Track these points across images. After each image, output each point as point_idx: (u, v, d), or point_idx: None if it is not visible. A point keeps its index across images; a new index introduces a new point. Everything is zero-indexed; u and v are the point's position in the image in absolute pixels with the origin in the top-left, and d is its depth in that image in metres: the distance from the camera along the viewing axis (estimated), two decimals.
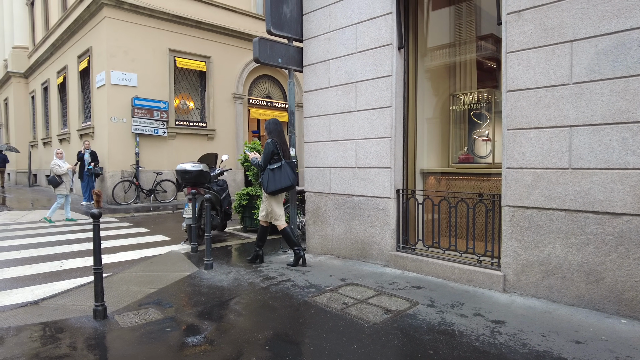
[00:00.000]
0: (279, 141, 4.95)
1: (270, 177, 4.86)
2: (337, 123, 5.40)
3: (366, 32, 5.02)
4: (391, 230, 4.85)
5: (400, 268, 4.75)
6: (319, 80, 5.63)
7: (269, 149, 4.88)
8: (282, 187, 4.86)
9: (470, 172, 4.94)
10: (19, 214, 10.15)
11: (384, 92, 4.87)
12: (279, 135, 4.99)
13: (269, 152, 4.88)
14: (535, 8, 3.65)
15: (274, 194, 4.94)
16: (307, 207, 5.86)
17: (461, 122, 5.24)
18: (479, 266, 4.17)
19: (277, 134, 4.98)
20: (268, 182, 4.86)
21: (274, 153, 4.90)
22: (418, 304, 3.67)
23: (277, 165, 4.87)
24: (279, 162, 4.89)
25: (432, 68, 5.29)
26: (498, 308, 3.54)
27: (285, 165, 4.90)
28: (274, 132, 4.98)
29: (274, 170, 4.86)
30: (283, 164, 4.89)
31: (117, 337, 3.08)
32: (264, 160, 4.92)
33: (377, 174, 4.96)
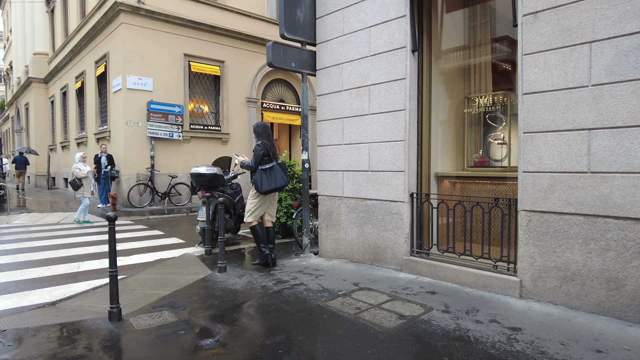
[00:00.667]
0: (269, 144, 5.12)
1: (263, 178, 5.00)
2: (350, 126, 5.39)
3: (380, 35, 5.00)
4: (405, 234, 4.80)
5: (414, 273, 4.70)
6: (332, 83, 5.63)
7: (260, 151, 5.03)
8: (277, 186, 5.05)
9: (486, 176, 4.87)
10: (37, 216, 10.37)
11: (397, 95, 4.84)
12: (268, 138, 5.18)
13: (259, 154, 5.03)
14: (553, 9, 3.59)
15: (266, 194, 5.09)
16: (320, 211, 5.85)
17: (476, 125, 5.18)
18: (495, 271, 4.10)
19: (266, 137, 5.17)
20: (262, 183, 4.99)
21: (264, 155, 5.05)
22: (432, 309, 3.62)
23: (269, 166, 5.04)
24: (271, 163, 5.07)
25: (446, 71, 5.24)
26: (514, 314, 3.47)
27: (277, 166, 5.08)
28: (262, 135, 5.18)
29: (267, 171, 5.02)
30: (274, 165, 5.07)
31: (132, 340, 3.10)
32: (255, 161, 5.06)
33: (391, 178, 4.92)
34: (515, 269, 3.97)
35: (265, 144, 5.08)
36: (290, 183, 7.54)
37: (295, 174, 7.50)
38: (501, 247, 4.20)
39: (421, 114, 4.93)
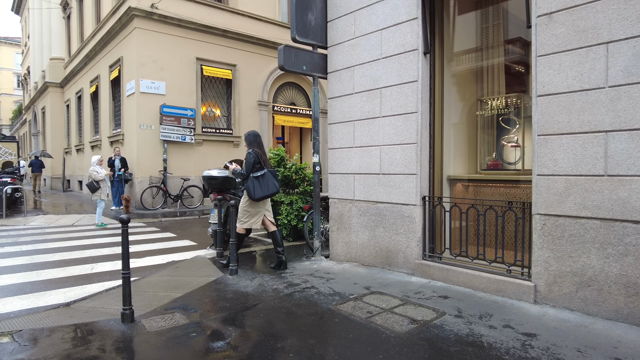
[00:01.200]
0: (260, 152, 5.20)
1: (256, 185, 5.06)
2: (361, 129, 5.37)
3: (391, 37, 4.99)
4: (417, 238, 4.76)
5: (427, 277, 4.65)
6: (343, 86, 5.62)
7: (251, 159, 5.10)
8: (269, 193, 5.11)
9: (499, 179, 4.81)
10: (53, 218, 10.54)
11: (409, 98, 4.81)
12: (259, 146, 5.26)
13: (251, 162, 5.10)
14: (568, 10, 3.53)
15: (259, 201, 5.15)
16: (331, 214, 5.83)
17: (489, 127, 5.12)
18: (509, 276, 4.04)
19: (257, 145, 5.25)
20: (254, 189, 5.05)
21: (256, 162, 5.12)
22: (445, 314, 3.58)
23: (260, 174, 5.10)
24: (262, 171, 5.13)
25: (458, 73, 5.20)
26: (529, 320, 3.41)
27: (268, 174, 5.15)
28: (254, 143, 5.25)
29: (259, 178, 5.09)
30: (266, 172, 5.14)
31: (144, 341, 3.12)
32: (247, 169, 5.12)
33: (403, 181, 4.89)
34: (529, 273, 3.91)
35: (256, 152, 5.15)
36: (301, 186, 7.55)
37: (306, 177, 7.50)
38: (515, 251, 4.14)
39: (433, 117, 4.90)
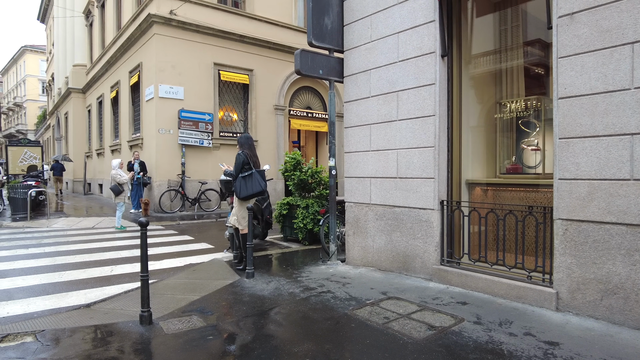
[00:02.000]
0: (250, 153, 5.42)
1: (242, 184, 5.29)
2: (378, 133, 5.35)
3: (408, 40, 4.95)
4: (435, 243, 4.70)
5: (445, 282, 4.58)
6: (359, 90, 5.61)
7: (240, 160, 5.32)
8: (254, 192, 5.31)
9: (519, 183, 4.72)
10: (74, 220, 10.78)
11: (427, 101, 4.77)
12: (250, 148, 5.50)
13: (240, 163, 5.32)
14: (590, 10, 3.45)
15: (245, 199, 5.37)
16: (347, 218, 5.81)
17: (508, 130, 5.03)
18: (529, 282, 3.94)
19: (248, 147, 5.48)
20: (240, 189, 5.28)
21: (245, 163, 5.33)
22: (464, 320, 3.51)
23: (247, 174, 5.33)
24: (250, 171, 5.34)
25: (476, 75, 5.13)
26: (551, 328, 3.32)
27: (255, 174, 5.35)
28: (245, 145, 5.48)
29: (245, 178, 5.31)
30: (253, 172, 5.35)
31: (162, 344, 3.15)
32: (236, 169, 5.36)
33: (420, 185, 4.84)
34: (551, 280, 3.81)
35: (246, 154, 5.37)
36: (317, 190, 7.54)
37: (322, 181, 7.50)
38: (536, 256, 4.04)
39: (451, 120, 4.84)
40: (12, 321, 3.66)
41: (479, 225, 4.61)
